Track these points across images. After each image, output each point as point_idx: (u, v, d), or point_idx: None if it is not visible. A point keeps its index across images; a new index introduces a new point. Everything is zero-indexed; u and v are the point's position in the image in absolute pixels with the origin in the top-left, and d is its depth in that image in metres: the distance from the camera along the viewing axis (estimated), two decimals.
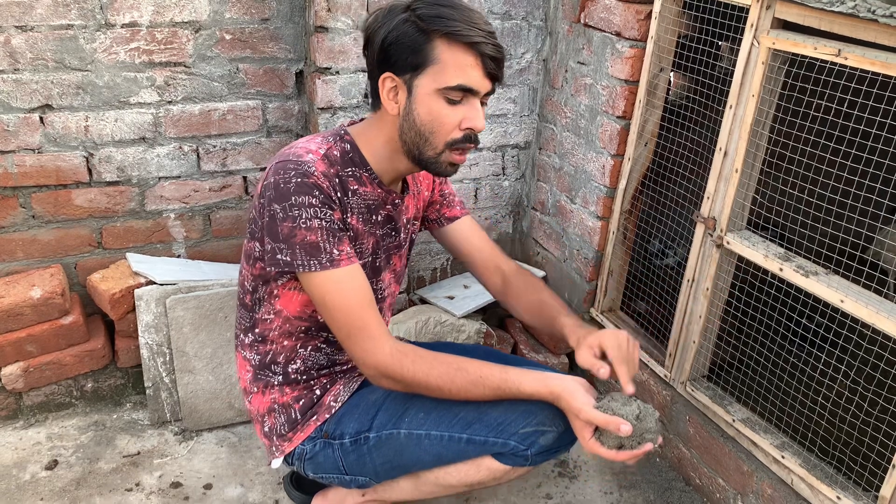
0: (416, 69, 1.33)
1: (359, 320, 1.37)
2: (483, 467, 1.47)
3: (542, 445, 1.43)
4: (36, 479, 1.91)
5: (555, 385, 1.37)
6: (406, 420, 1.48)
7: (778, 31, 1.59)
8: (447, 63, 1.31)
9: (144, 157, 2.19)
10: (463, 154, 1.40)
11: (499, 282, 1.72)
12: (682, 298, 1.96)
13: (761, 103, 1.65)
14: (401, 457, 1.50)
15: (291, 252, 1.34)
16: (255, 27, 2.17)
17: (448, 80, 1.31)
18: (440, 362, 1.39)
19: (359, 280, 1.39)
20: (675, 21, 1.90)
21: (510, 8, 2.27)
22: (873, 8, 1.31)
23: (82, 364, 2.12)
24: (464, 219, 1.74)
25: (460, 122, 1.35)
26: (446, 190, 1.73)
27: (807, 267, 1.61)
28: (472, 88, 1.33)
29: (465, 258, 1.75)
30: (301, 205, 1.32)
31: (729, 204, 1.76)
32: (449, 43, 1.30)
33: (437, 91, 1.32)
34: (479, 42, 1.30)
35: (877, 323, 1.44)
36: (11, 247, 2.14)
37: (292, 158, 1.36)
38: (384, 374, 1.38)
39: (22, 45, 1.95)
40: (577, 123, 2.27)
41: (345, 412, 1.55)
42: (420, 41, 1.31)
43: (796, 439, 1.77)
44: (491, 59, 1.32)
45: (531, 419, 1.42)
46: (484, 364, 1.40)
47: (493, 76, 1.34)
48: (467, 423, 1.44)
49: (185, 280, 2.08)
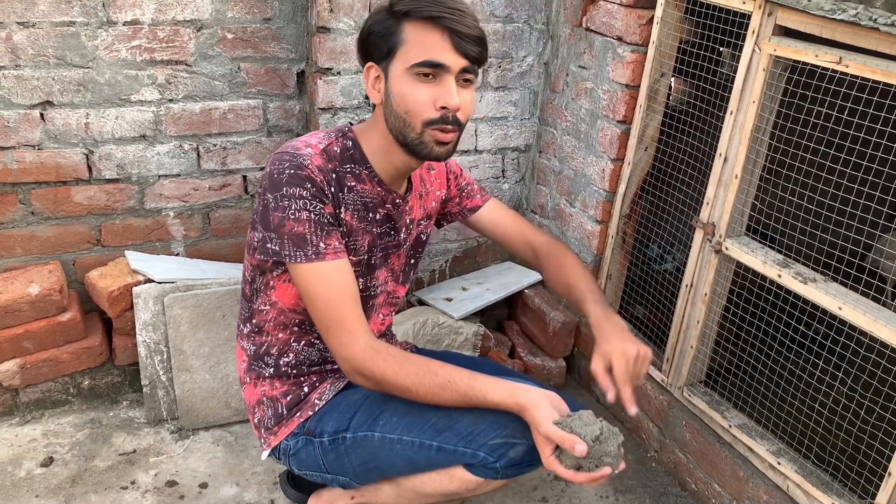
0: (389, 54, 1.35)
1: (337, 313, 1.38)
2: (456, 478, 1.45)
3: (512, 458, 1.40)
4: (31, 475, 1.91)
5: (521, 396, 1.33)
6: (380, 423, 1.47)
7: (779, 37, 1.59)
8: (413, 42, 1.32)
9: (144, 154, 2.19)
10: (446, 133, 1.37)
11: (532, 256, 1.75)
12: (680, 303, 1.96)
13: (762, 109, 1.66)
14: (375, 459, 1.49)
15: (280, 242, 1.36)
16: (256, 27, 2.17)
17: (414, 57, 1.32)
18: (411, 363, 1.38)
19: (343, 275, 1.39)
20: (676, 26, 1.90)
21: (512, 11, 2.27)
22: (875, 16, 1.31)
23: (79, 361, 2.12)
24: (487, 205, 1.75)
25: (434, 100, 1.34)
26: (463, 182, 1.73)
27: (805, 273, 1.61)
28: (439, 63, 1.31)
29: (497, 239, 1.79)
30: (291, 196, 1.33)
31: (728, 210, 1.76)
32: (413, 22, 1.32)
33: (405, 70, 1.33)
34: (441, 16, 1.30)
35: (874, 330, 1.44)
36: (10, 243, 2.14)
37: (290, 151, 1.37)
38: (356, 369, 1.39)
39: (23, 42, 1.95)
40: (578, 127, 2.27)
41: (326, 411, 1.55)
42: (390, 26, 1.33)
43: (792, 446, 1.78)
44: (458, 34, 1.30)
45: (500, 430, 1.39)
46: (455, 369, 1.38)
47: (465, 53, 1.32)
48: (438, 431, 1.43)
49: (184, 278, 2.08)
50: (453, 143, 1.40)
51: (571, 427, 1.27)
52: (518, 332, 2.52)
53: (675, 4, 1.89)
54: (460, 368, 1.39)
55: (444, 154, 1.41)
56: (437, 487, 1.48)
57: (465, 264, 2.59)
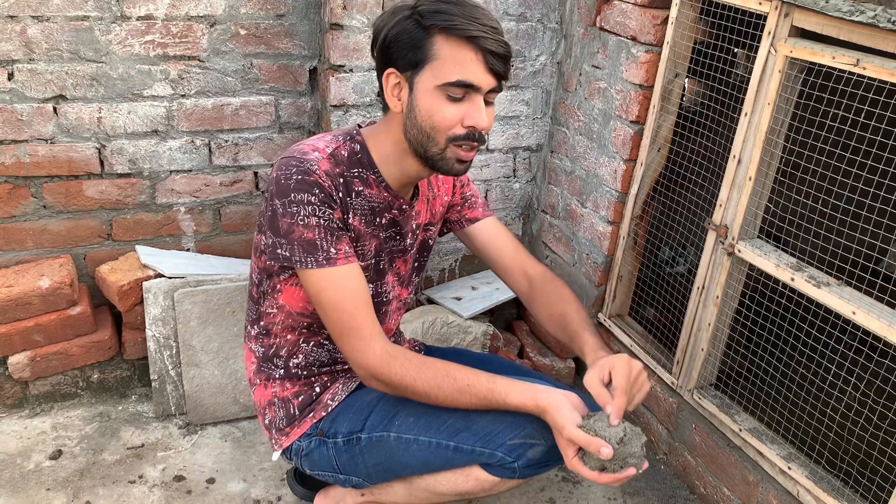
0: (417, 66, 1.31)
1: (351, 320, 1.37)
2: (472, 477, 1.45)
3: (530, 458, 1.40)
4: (40, 468, 1.91)
5: (542, 398, 1.33)
6: (396, 423, 1.46)
7: (796, 39, 1.58)
8: (446, 59, 1.29)
9: (156, 149, 2.19)
10: (470, 151, 1.36)
11: (525, 286, 1.67)
12: (691, 306, 1.95)
13: (777, 111, 1.64)
14: (391, 460, 1.49)
15: (290, 248, 1.35)
16: (270, 23, 2.17)
17: (447, 75, 1.29)
18: (429, 367, 1.37)
19: (355, 280, 1.38)
20: (691, 27, 1.89)
21: (526, 10, 2.26)
22: (893, 18, 1.30)
23: (89, 355, 2.12)
24: (486, 220, 1.70)
25: (462, 119, 1.32)
26: (468, 192, 1.70)
27: (819, 277, 1.60)
28: (472, 84, 1.30)
29: (489, 259, 1.70)
30: (300, 202, 1.33)
31: (741, 212, 1.75)
32: (447, 38, 1.28)
33: (436, 87, 1.30)
34: (478, 36, 1.27)
35: (889, 336, 1.42)
36: (22, 236, 2.15)
37: (297, 155, 1.36)
38: (373, 375, 1.38)
39: (38, 35, 1.96)
40: (590, 127, 2.26)
41: (340, 411, 1.55)
42: (419, 37, 1.30)
43: (803, 451, 1.76)
44: (493, 54, 1.29)
45: (519, 431, 1.39)
46: (473, 372, 1.38)
47: (496, 73, 1.31)
48: (455, 431, 1.42)
49: (194, 274, 2.09)
50: (472, 160, 1.39)
51: (595, 430, 1.27)
52: (527, 332, 2.51)
53: (690, 5, 1.88)
54: (478, 371, 1.38)
55: (463, 171, 1.40)
56: (451, 487, 1.48)
57: (474, 263, 2.58)
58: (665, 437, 2.11)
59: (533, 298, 1.65)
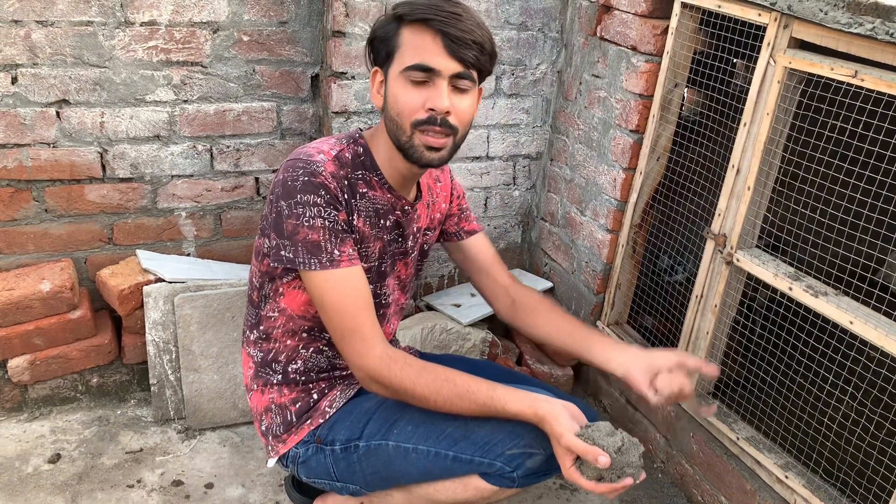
0: (388, 57, 1.35)
1: (353, 322, 1.37)
2: (471, 486, 1.45)
3: (529, 468, 1.40)
4: (38, 472, 1.91)
5: (540, 407, 1.33)
6: (395, 432, 1.46)
7: (795, 50, 1.59)
8: (407, 45, 1.32)
9: (158, 154, 2.20)
10: (438, 137, 1.35)
11: (509, 301, 1.70)
12: (689, 314, 1.96)
13: (776, 122, 1.65)
14: (389, 468, 1.49)
15: (294, 249, 1.35)
16: (272, 30, 2.18)
17: (406, 60, 1.32)
18: (429, 372, 1.37)
19: (358, 282, 1.39)
20: (691, 37, 1.90)
21: (526, 19, 2.28)
22: (891, 31, 1.31)
23: (88, 359, 2.12)
24: (479, 234, 1.73)
25: (424, 102, 1.33)
26: (464, 204, 1.72)
27: (816, 287, 1.61)
28: (429, 67, 1.31)
29: (477, 273, 1.72)
30: (306, 203, 1.33)
31: (740, 221, 1.76)
32: (409, 25, 1.32)
33: (399, 73, 1.33)
34: (433, 19, 1.29)
35: (885, 346, 1.43)
36: (23, 240, 2.15)
37: (303, 157, 1.37)
38: (372, 377, 1.38)
39: (42, 40, 1.97)
40: (590, 136, 2.27)
41: (338, 419, 1.54)
42: (391, 30, 1.34)
43: (801, 459, 1.77)
44: (452, 38, 1.29)
45: (518, 441, 1.39)
46: (473, 378, 1.38)
47: (461, 58, 1.31)
48: (454, 441, 1.42)
49: (194, 279, 2.09)
50: (446, 149, 1.38)
51: (593, 439, 1.28)
52: (526, 340, 2.51)
53: (690, 15, 1.89)
54: (479, 378, 1.38)
55: (437, 160, 1.39)
56: (450, 495, 1.48)
57: None
58: (662, 445, 2.11)
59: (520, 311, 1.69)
